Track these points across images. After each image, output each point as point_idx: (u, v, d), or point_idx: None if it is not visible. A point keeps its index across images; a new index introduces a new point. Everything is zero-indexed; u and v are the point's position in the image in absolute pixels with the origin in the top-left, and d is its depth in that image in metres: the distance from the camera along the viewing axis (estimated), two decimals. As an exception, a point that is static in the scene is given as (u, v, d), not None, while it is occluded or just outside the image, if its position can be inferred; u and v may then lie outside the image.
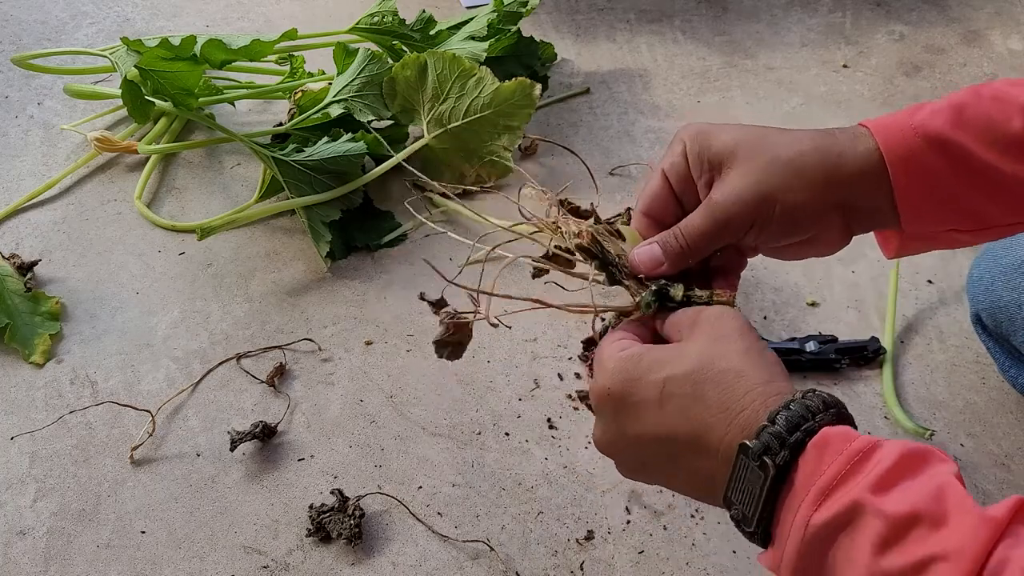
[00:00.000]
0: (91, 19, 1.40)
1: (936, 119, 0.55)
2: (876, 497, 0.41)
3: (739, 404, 0.47)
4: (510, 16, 1.17)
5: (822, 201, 0.55)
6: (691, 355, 0.49)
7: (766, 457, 0.44)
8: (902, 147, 0.54)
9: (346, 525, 0.78)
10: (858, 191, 0.55)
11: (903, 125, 0.55)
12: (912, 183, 0.55)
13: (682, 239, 0.56)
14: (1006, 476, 0.82)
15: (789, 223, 0.55)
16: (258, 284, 1.01)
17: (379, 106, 1.07)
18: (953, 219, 0.57)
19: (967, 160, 0.54)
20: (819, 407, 0.46)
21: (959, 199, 0.55)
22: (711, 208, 0.55)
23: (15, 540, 0.79)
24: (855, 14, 1.40)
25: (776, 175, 0.54)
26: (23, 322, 0.95)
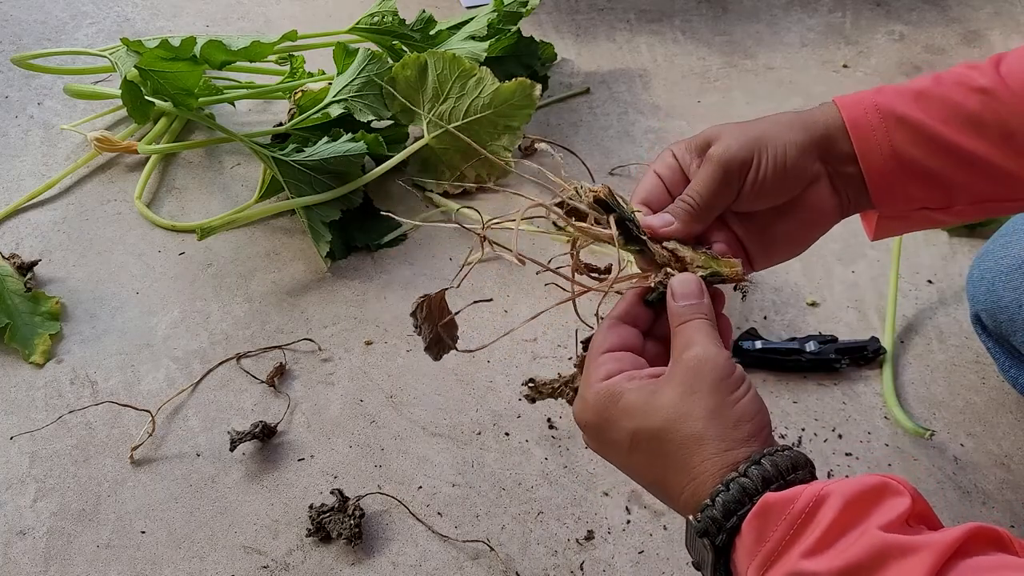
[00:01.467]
0: (91, 19, 1.40)
1: (896, 98, 0.59)
2: (811, 561, 0.43)
3: (696, 470, 0.50)
4: (510, 16, 1.17)
5: (804, 144, 0.58)
6: (661, 409, 0.51)
7: (705, 539, 0.48)
8: (862, 120, 0.58)
9: (346, 525, 0.78)
10: (832, 143, 0.59)
11: (865, 101, 0.59)
12: (874, 153, 0.58)
13: (689, 199, 0.58)
14: (1006, 476, 0.82)
15: (781, 163, 0.58)
16: (258, 284, 1.01)
17: (379, 106, 1.07)
18: (921, 195, 0.59)
19: (926, 135, 0.58)
20: (756, 487, 0.47)
21: (924, 173, 0.58)
22: (709, 159, 0.58)
23: (15, 540, 0.79)
24: (855, 14, 1.40)
25: (760, 127, 0.59)
26: (23, 322, 0.95)
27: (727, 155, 0.58)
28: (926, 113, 0.58)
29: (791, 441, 0.85)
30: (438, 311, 0.64)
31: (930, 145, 0.58)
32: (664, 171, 0.61)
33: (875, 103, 0.59)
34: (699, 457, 0.50)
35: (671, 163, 0.61)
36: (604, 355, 0.55)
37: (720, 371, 0.51)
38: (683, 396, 0.51)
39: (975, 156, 0.58)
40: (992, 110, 0.58)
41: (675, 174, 0.61)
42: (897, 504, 0.44)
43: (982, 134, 0.58)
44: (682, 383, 0.51)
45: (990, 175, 0.58)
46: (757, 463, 0.48)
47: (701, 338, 0.53)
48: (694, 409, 0.50)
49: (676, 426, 0.50)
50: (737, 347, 0.90)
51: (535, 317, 0.63)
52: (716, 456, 0.49)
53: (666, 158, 0.62)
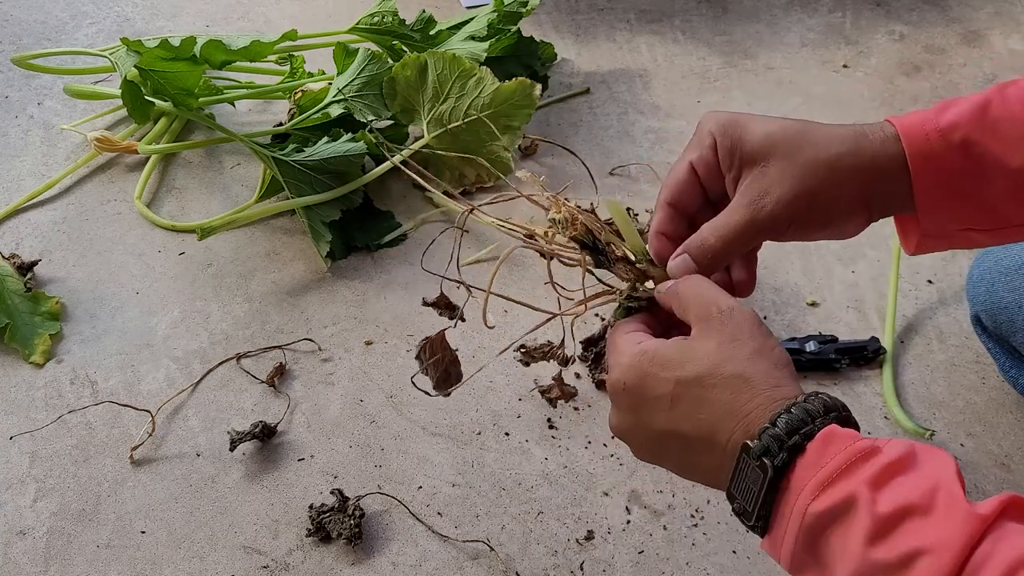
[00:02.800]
0: (91, 19, 1.40)
1: (961, 120, 0.55)
2: (871, 491, 0.43)
3: (744, 409, 0.49)
4: (510, 16, 1.17)
5: (856, 198, 0.56)
6: (701, 357, 0.51)
7: (765, 458, 0.46)
8: (925, 149, 0.55)
9: (346, 525, 0.78)
10: (885, 189, 0.57)
11: (928, 127, 0.56)
12: (932, 183, 0.56)
13: (716, 243, 0.56)
14: (1006, 476, 0.82)
15: (823, 220, 0.56)
16: (258, 284, 1.01)
17: (379, 106, 1.07)
18: (970, 218, 0.57)
19: (988, 162, 0.55)
20: (819, 411, 0.47)
21: (977, 198, 0.56)
22: (751, 209, 0.55)
23: (15, 540, 0.79)
24: (855, 14, 1.40)
25: (816, 176, 0.55)
26: (23, 322, 0.95)
27: (775, 211, 0.55)
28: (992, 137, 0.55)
29: (791, 441, 0.85)
30: (441, 349, 0.65)
31: (995, 173, 0.56)
32: (701, 165, 0.58)
33: (940, 130, 0.56)
34: (747, 395, 0.49)
35: (710, 160, 0.58)
36: (629, 333, 0.55)
37: (754, 317, 0.52)
38: (723, 343, 0.50)
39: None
40: None
41: (711, 175, 0.58)
42: (950, 462, 0.45)
43: None
44: (720, 331, 0.51)
45: None
46: (816, 394, 0.48)
47: (719, 293, 0.53)
48: (737, 352, 0.50)
49: (720, 369, 0.50)
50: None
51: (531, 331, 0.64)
52: (766, 392, 0.49)
53: (704, 149, 0.58)
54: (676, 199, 0.59)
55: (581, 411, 0.88)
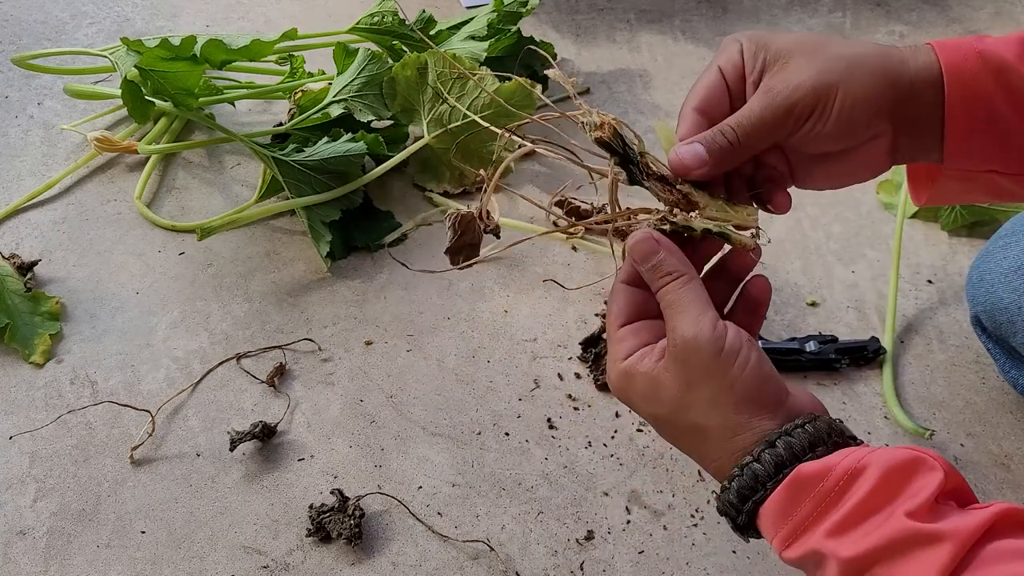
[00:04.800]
0: (91, 19, 1.40)
1: (1000, 46, 0.53)
2: (834, 541, 0.44)
3: (709, 458, 0.51)
4: (510, 16, 1.17)
5: (880, 99, 0.53)
6: (666, 399, 0.51)
7: (727, 518, 0.49)
8: (961, 66, 0.53)
9: (346, 525, 0.78)
10: (914, 99, 0.53)
11: (967, 47, 0.53)
12: (965, 104, 0.53)
13: (732, 133, 0.53)
14: (1006, 476, 0.82)
15: (846, 119, 0.52)
16: (258, 284, 1.01)
17: (379, 106, 1.07)
18: (998, 156, 0.54)
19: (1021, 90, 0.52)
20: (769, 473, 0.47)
21: (1009, 132, 0.53)
22: (770, 95, 0.52)
23: (15, 540, 0.79)
24: (855, 14, 1.40)
25: (837, 67, 0.52)
26: (23, 322, 0.95)
27: (793, 96, 0.52)
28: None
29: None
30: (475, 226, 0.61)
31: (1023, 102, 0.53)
32: (728, 68, 0.55)
33: (978, 50, 0.53)
34: (707, 447, 0.50)
35: (736, 61, 0.55)
36: (620, 330, 0.54)
37: (708, 352, 0.48)
38: (680, 389, 0.50)
39: None
40: None
41: (739, 79, 0.55)
42: (929, 481, 0.44)
43: None
44: (676, 375, 0.50)
45: None
46: (772, 445, 0.47)
47: (679, 314, 0.50)
48: (693, 400, 0.49)
49: (682, 417, 0.50)
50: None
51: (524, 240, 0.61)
52: (724, 443, 0.49)
53: (732, 53, 0.55)
54: (703, 104, 0.55)
55: (581, 411, 0.88)
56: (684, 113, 0.56)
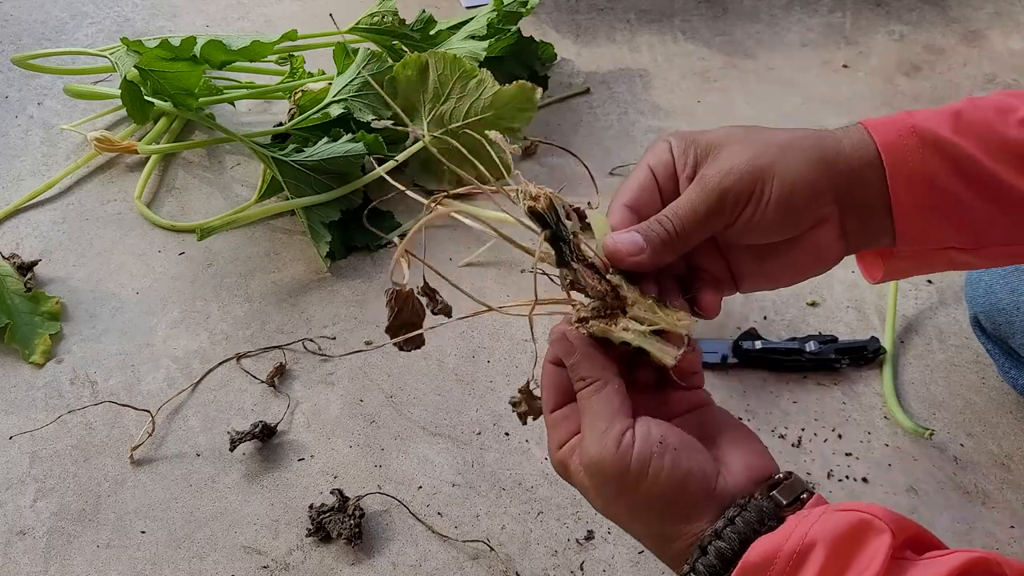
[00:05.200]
0: (91, 19, 1.40)
1: (932, 121, 0.52)
2: None
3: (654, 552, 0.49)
4: (510, 16, 1.17)
5: (819, 181, 0.51)
6: (596, 501, 0.50)
7: None
8: (898, 144, 0.51)
9: (346, 525, 0.78)
10: (855, 181, 0.51)
11: (900, 123, 0.52)
12: (909, 183, 0.51)
13: (668, 223, 0.50)
14: (1006, 476, 0.82)
15: (786, 203, 0.50)
16: (258, 284, 1.01)
17: (379, 105, 1.07)
18: (951, 233, 0.52)
19: (966, 164, 0.51)
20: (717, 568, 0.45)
21: (958, 207, 0.51)
22: (703, 182, 0.50)
23: (15, 540, 0.79)
24: (855, 14, 1.40)
25: (770, 151, 0.50)
26: (23, 322, 0.95)
27: (725, 182, 0.50)
28: (967, 138, 0.51)
29: (791, 441, 0.85)
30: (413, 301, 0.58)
31: (971, 176, 0.51)
32: (659, 167, 0.53)
33: (911, 125, 0.51)
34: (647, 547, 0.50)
35: (666, 160, 0.53)
36: (551, 416, 0.52)
37: (614, 472, 0.46)
38: (603, 501, 0.49)
39: (1019, 194, 0.51)
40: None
41: (669, 177, 0.54)
42: (878, 546, 0.42)
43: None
44: (593, 489, 0.49)
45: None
46: (704, 552, 0.45)
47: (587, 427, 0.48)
48: (616, 513, 0.49)
49: (613, 519, 0.50)
50: (737, 347, 0.90)
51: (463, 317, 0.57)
52: (660, 551, 0.48)
53: (661, 152, 0.54)
54: (634, 202, 0.53)
55: (581, 411, 0.88)
56: (614, 208, 0.53)
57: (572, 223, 0.51)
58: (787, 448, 0.84)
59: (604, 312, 0.50)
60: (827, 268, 0.55)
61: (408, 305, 0.56)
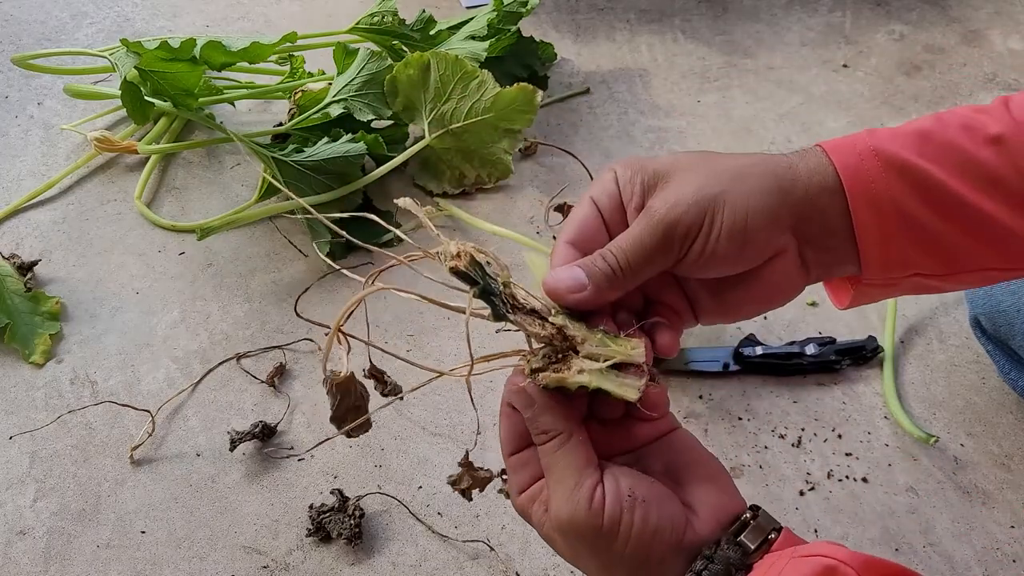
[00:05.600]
0: (91, 19, 1.40)
1: (896, 142, 0.48)
2: None
3: None
4: (510, 16, 1.17)
5: (774, 208, 0.47)
6: (565, 553, 0.48)
7: None
8: (860, 167, 0.48)
9: (346, 525, 0.78)
10: (812, 208, 0.48)
11: (861, 145, 0.48)
12: (874, 209, 0.48)
13: (612, 258, 0.48)
14: (1006, 476, 0.82)
15: (739, 234, 0.47)
16: (258, 284, 1.01)
17: (380, 105, 1.07)
18: (919, 260, 0.50)
19: (932, 188, 0.48)
20: None
21: (925, 234, 0.48)
22: (650, 214, 0.47)
23: (15, 540, 0.79)
24: (855, 14, 1.40)
25: (721, 179, 0.47)
26: (23, 322, 0.95)
27: (672, 214, 0.47)
28: (933, 161, 0.48)
29: (791, 441, 0.85)
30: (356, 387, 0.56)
31: (938, 201, 0.48)
32: (603, 199, 0.50)
33: (872, 147, 0.48)
34: None
35: (611, 190, 0.50)
36: (510, 460, 0.50)
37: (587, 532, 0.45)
38: (572, 555, 0.48)
39: (988, 218, 0.48)
40: (1009, 163, 0.48)
41: (614, 209, 0.50)
42: None
43: (997, 192, 0.48)
44: (563, 543, 0.48)
45: (1003, 240, 0.49)
46: None
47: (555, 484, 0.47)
48: (587, 568, 0.48)
49: (583, 572, 0.49)
50: (738, 354, 0.90)
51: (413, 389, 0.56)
52: None
53: (605, 182, 0.50)
54: (578, 238, 0.50)
55: (581, 411, 0.88)
56: (557, 248, 0.50)
57: (503, 273, 0.48)
58: (787, 448, 0.84)
59: (555, 357, 0.47)
60: (789, 299, 0.52)
61: (351, 390, 0.54)
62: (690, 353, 0.90)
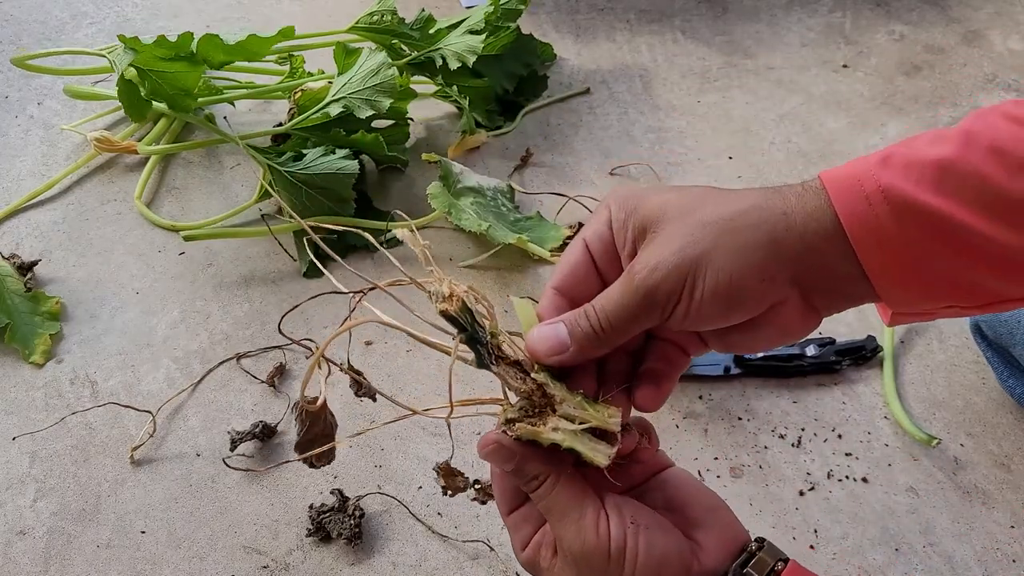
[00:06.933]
0: (91, 19, 1.40)
1: (911, 177, 0.42)
2: None
3: None
4: (509, 13, 1.17)
5: (763, 268, 0.44)
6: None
7: None
8: (865, 214, 0.43)
9: (346, 525, 0.78)
10: (813, 261, 0.44)
11: (866, 185, 0.43)
12: (883, 255, 0.43)
13: (594, 317, 0.46)
14: (1006, 476, 0.82)
15: (725, 296, 0.44)
16: (258, 284, 1.01)
17: (381, 98, 1.05)
18: (948, 295, 0.45)
19: (955, 232, 0.42)
20: None
21: (950, 273, 0.43)
22: (630, 277, 0.45)
23: (15, 540, 0.79)
24: (855, 14, 1.40)
25: (705, 237, 0.44)
26: (23, 322, 0.95)
27: (651, 280, 0.44)
28: (955, 197, 0.42)
29: (791, 441, 0.85)
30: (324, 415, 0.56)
31: (963, 245, 0.42)
32: (595, 243, 0.48)
33: (881, 188, 0.42)
34: None
35: (604, 235, 0.48)
36: (510, 518, 0.50)
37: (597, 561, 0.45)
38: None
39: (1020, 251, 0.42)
40: None
41: (607, 253, 0.48)
42: None
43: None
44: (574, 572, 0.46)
45: None
46: None
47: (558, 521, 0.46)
48: None
49: None
50: (739, 357, 0.90)
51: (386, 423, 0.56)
52: None
53: (600, 226, 0.48)
54: (565, 283, 0.48)
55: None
56: (544, 292, 0.49)
57: (491, 322, 0.47)
58: (787, 448, 0.84)
59: (532, 411, 0.47)
60: (802, 337, 0.49)
61: (320, 419, 0.53)
62: (691, 356, 0.90)
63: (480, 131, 1.17)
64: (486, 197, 1.03)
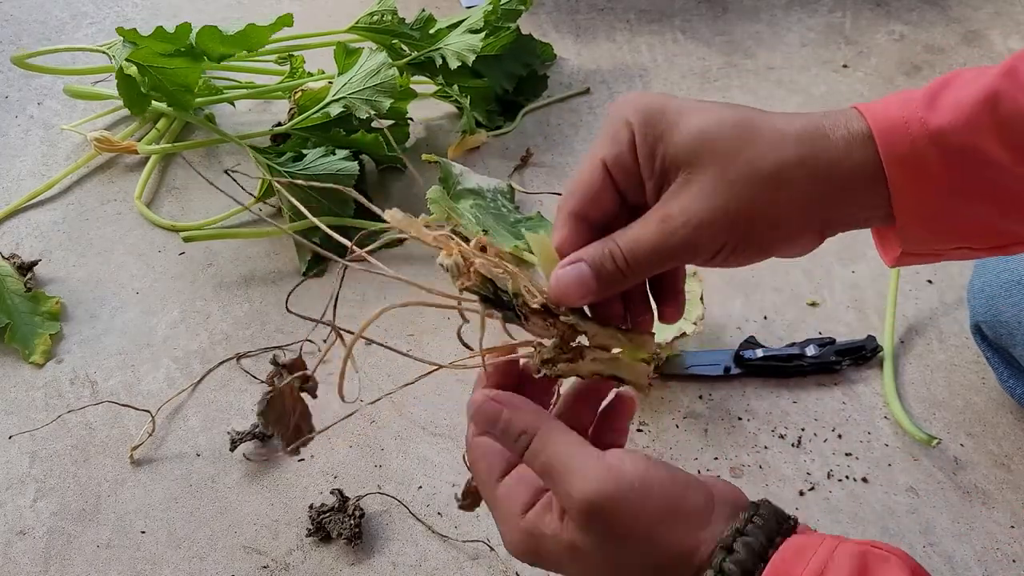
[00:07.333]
0: (91, 19, 1.40)
1: (960, 118, 0.41)
2: None
3: None
4: (508, 13, 1.17)
5: (805, 218, 0.44)
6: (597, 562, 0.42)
7: None
8: (911, 161, 0.42)
9: (346, 525, 0.78)
10: (850, 207, 0.44)
11: (914, 128, 0.42)
12: (918, 199, 0.43)
13: (621, 259, 0.44)
14: (1006, 476, 0.82)
15: (763, 245, 0.44)
16: (258, 284, 1.01)
17: (381, 98, 1.05)
18: (968, 237, 0.45)
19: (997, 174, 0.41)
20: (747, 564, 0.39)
21: (978, 218, 0.43)
22: (668, 225, 0.43)
23: (15, 540, 0.79)
24: (855, 14, 1.40)
25: (753, 194, 0.42)
26: (23, 322, 0.95)
27: (694, 237, 0.42)
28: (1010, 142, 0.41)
29: (791, 441, 0.85)
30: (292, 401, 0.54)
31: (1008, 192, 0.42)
32: (616, 166, 0.44)
33: (929, 132, 0.41)
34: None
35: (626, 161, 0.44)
36: (501, 485, 0.47)
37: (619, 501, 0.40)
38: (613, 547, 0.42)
39: None
40: None
41: (629, 173, 0.45)
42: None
43: None
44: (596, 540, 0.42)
45: None
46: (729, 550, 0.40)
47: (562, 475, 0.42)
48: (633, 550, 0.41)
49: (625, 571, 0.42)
50: (739, 357, 0.90)
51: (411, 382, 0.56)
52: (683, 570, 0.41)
53: (621, 145, 0.44)
54: (584, 208, 0.45)
55: (581, 411, 0.88)
56: (559, 219, 0.46)
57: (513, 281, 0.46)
58: (787, 448, 0.84)
59: (566, 348, 0.47)
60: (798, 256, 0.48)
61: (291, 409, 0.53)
62: (690, 357, 0.90)
63: (480, 131, 1.17)
64: (486, 198, 1.03)
